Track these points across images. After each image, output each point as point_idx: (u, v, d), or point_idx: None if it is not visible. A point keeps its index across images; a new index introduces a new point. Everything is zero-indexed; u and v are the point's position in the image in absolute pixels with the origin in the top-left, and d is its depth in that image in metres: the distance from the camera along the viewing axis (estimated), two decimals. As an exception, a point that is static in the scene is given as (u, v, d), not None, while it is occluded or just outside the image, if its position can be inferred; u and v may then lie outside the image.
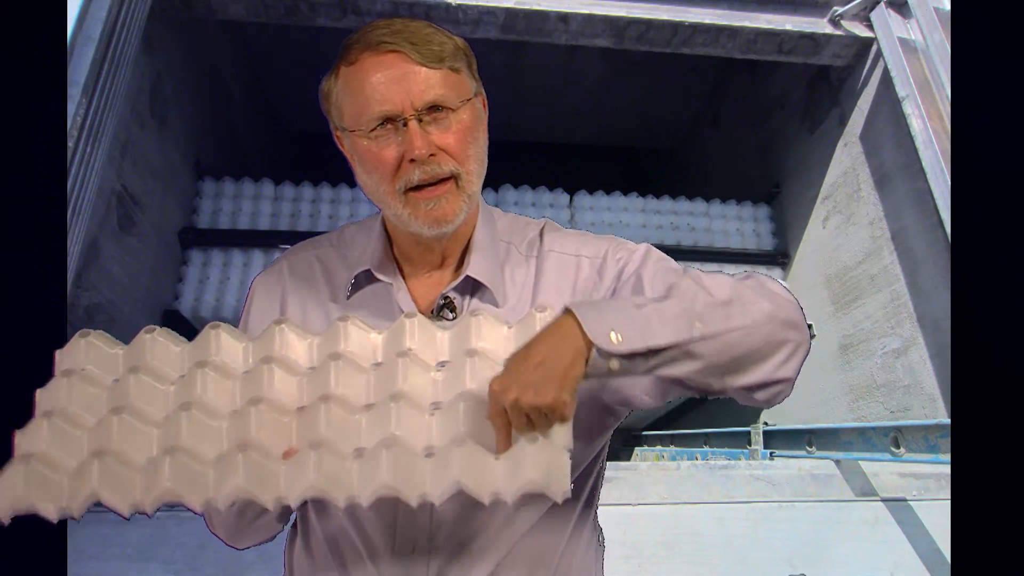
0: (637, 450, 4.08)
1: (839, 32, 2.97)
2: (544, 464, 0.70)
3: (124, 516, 0.75)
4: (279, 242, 3.38)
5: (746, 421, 2.86)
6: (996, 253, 1.02)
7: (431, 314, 0.90)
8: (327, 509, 0.92)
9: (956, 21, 1.38)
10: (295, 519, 1.00)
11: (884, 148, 3.00)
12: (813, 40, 3.00)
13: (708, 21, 2.88)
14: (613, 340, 0.70)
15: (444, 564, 0.87)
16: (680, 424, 4.61)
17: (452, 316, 0.90)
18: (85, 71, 2.04)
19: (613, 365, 0.71)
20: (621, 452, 4.38)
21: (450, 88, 0.84)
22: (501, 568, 0.88)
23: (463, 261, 0.93)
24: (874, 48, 2.95)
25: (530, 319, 0.79)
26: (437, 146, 0.83)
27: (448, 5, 2.72)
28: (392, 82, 0.81)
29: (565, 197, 3.77)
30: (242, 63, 4.38)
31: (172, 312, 3.16)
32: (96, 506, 0.75)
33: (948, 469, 1.95)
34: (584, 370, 0.70)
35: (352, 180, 0.92)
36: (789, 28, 2.92)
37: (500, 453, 0.72)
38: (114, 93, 2.21)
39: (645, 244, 0.94)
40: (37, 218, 1.17)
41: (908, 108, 2.59)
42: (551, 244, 0.95)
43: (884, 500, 2.04)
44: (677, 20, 2.85)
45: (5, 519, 0.73)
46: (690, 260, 3.35)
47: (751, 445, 2.59)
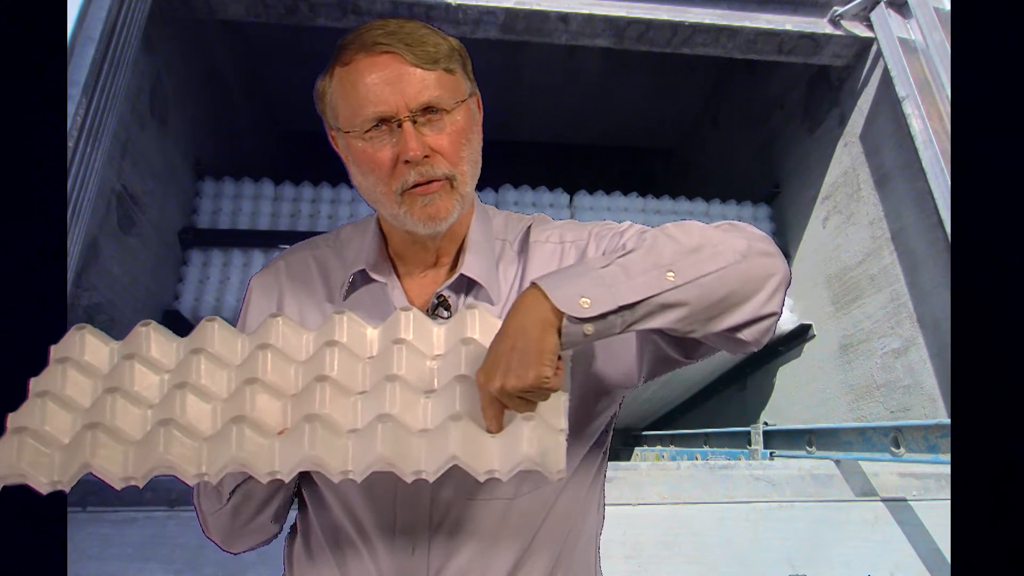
0: (637, 450, 4.08)
1: (839, 32, 2.97)
2: (540, 442, 0.70)
3: (115, 487, 0.74)
4: (279, 242, 3.38)
5: (746, 421, 2.86)
6: (996, 253, 1.02)
7: (427, 313, 0.90)
8: (325, 503, 0.92)
9: (956, 21, 1.38)
10: (295, 519, 1.00)
11: (884, 148, 3.00)
12: (813, 40, 3.00)
13: (708, 21, 2.88)
14: (583, 305, 0.69)
15: (443, 561, 0.86)
16: (680, 424, 4.61)
17: (447, 315, 0.90)
18: (85, 71, 2.04)
19: (588, 330, 0.70)
20: (621, 452, 4.38)
21: (445, 89, 0.84)
22: (500, 555, 0.88)
23: (458, 260, 0.93)
24: (874, 48, 2.96)
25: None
26: (431, 147, 0.83)
27: (448, 5, 2.72)
28: (386, 83, 0.82)
29: (565, 197, 3.77)
30: (242, 63, 4.38)
31: (172, 312, 3.16)
32: (96, 506, 0.75)
33: (948, 469, 1.95)
34: (558, 341, 0.69)
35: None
36: (789, 28, 2.92)
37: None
38: (114, 93, 2.21)
39: (629, 222, 0.94)
40: (37, 218, 1.17)
41: (908, 108, 2.59)
42: (537, 235, 0.96)
43: (884, 500, 2.04)
44: (677, 20, 2.85)
45: None
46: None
47: (751, 445, 2.59)
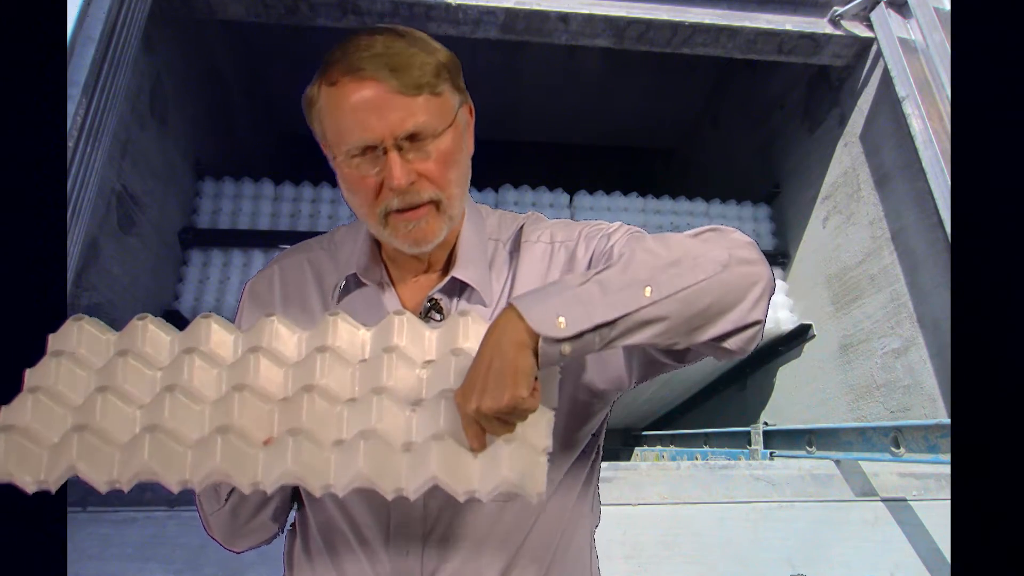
0: (637, 450, 4.09)
1: (839, 32, 2.97)
2: (520, 464, 0.70)
3: (100, 491, 0.75)
4: (279, 242, 3.38)
5: (746, 421, 2.86)
6: (996, 253, 1.02)
7: (419, 316, 0.90)
8: (321, 504, 0.92)
9: (956, 21, 1.38)
10: (294, 518, 1.00)
11: (884, 148, 3.00)
12: (813, 40, 3.00)
13: (708, 21, 2.88)
14: (559, 325, 0.68)
15: (437, 564, 0.87)
16: (680, 424, 4.61)
17: (440, 318, 0.90)
18: (85, 71, 2.04)
19: (565, 349, 0.69)
20: (621, 452, 4.39)
21: (431, 114, 0.82)
22: (491, 559, 0.88)
23: (451, 263, 0.93)
24: (874, 48, 2.96)
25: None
26: (417, 172, 0.83)
27: (448, 5, 2.72)
28: (371, 111, 0.80)
29: (565, 197, 3.78)
30: (242, 63, 4.38)
31: (172, 312, 3.16)
32: (96, 506, 0.75)
33: (948, 469, 1.95)
34: (534, 362, 0.69)
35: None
36: (789, 28, 2.93)
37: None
38: (114, 93, 2.21)
39: (620, 222, 0.93)
40: (37, 218, 1.17)
41: (908, 108, 2.59)
42: (528, 235, 0.95)
43: (884, 500, 2.04)
44: (677, 20, 2.85)
45: None
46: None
47: (751, 445, 2.59)
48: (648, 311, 0.71)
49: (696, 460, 2.78)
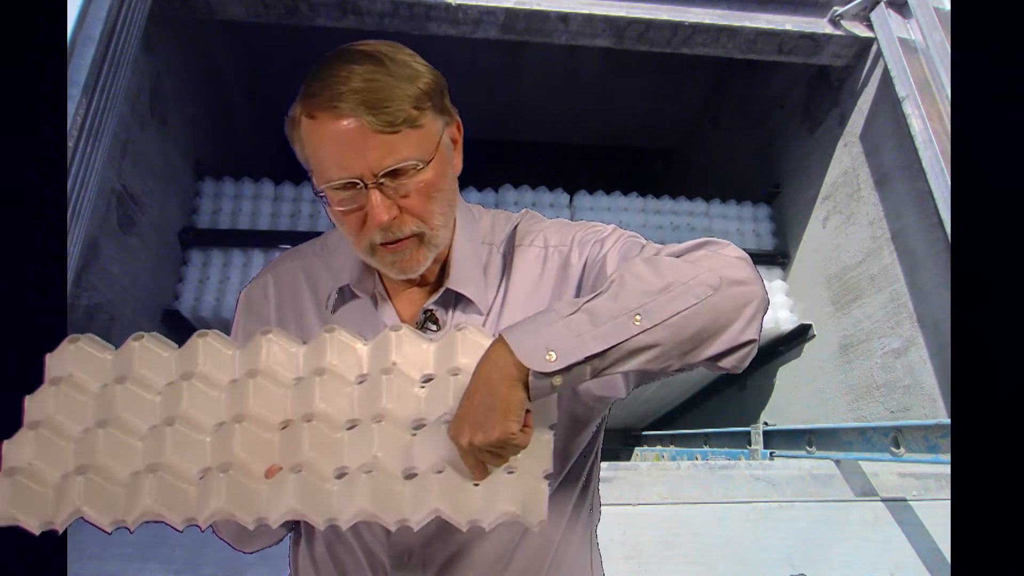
0: (637, 450, 4.09)
1: (839, 32, 2.97)
2: (521, 492, 0.71)
3: (106, 531, 0.76)
4: (279, 242, 3.38)
5: (746, 421, 2.86)
6: (996, 253, 1.02)
7: (415, 327, 0.89)
8: None
9: (956, 21, 1.38)
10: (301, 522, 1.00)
11: (884, 148, 3.01)
12: (813, 40, 3.00)
13: (708, 21, 2.88)
14: (549, 359, 0.68)
15: (438, 572, 0.88)
16: (680, 424, 4.62)
17: (436, 328, 0.90)
18: (85, 71, 2.04)
19: (556, 382, 0.69)
20: (621, 452, 4.39)
21: (412, 148, 0.80)
22: (498, 571, 0.89)
23: (444, 273, 0.92)
24: (874, 48, 2.96)
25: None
26: (399, 207, 0.82)
27: (448, 5, 2.73)
28: (350, 149, 0.79)
29: (565, 197, 3.78)
30: (242, 63, 4.38)
31: (172, 312, 3.16)
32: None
33: (948, 469, 1.95)
34: (524, 396, 0.69)
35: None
36: (789, 28, 2.93)
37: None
38: (114, 93, 2.21)
39: (613, 225, 0.93)
40: (37, 218, 1.17)
41: (908, 108, 2.59)
42: (521, 238, 0.95)
43: (884, 500, 2.04)
44: (677, 20, 2.86)
45: None
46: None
47: (751, 445, 2.59)
48: (639, 339, 0.71)
49: (696, 460, 2.78)
